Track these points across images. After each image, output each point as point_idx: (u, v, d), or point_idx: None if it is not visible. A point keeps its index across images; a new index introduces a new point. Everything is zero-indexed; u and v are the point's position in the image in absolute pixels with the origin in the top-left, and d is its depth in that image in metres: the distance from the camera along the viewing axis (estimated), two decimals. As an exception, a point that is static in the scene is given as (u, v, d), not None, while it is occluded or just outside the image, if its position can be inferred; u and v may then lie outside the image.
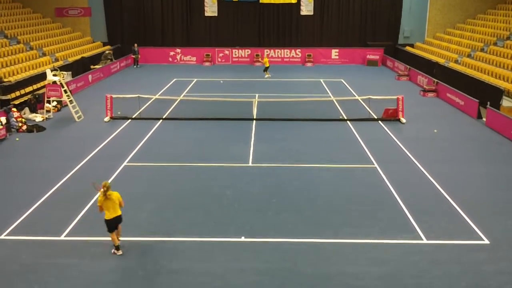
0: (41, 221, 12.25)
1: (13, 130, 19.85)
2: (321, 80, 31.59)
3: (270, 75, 32.67)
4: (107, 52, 35.29)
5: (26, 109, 22.15)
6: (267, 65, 32.90)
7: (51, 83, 21.98)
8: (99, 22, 38.94)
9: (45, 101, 22.32)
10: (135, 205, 13.12)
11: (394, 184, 14.56)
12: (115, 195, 10.69)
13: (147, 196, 13.77)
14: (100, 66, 33.09)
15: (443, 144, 18.54)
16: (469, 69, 28.47)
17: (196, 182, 14.79)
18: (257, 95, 26.06)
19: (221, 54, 38.83)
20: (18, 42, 29.96)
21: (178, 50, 38.85)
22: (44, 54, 30.77)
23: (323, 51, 38.80)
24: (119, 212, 10.75)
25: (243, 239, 11.39)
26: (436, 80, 27.55)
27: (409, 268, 10.27)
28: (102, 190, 10.52)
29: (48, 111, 22.36)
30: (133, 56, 36.91)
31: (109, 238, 10.75)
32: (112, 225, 10.72)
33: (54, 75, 22.41)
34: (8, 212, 12.66)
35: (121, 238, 10.97)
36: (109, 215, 10.61)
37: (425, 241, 11.37)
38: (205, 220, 12.37)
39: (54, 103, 23.12)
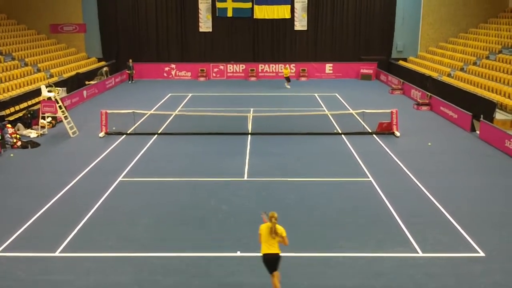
0: (36, 237, 12.18)
1: (7, 146, 19.81)
2: (316, 94, 31.75)
3: (289, 87, 34.14)
4: (104, 69, 35.36)
5: (20, 125, 22.09)
6: (287, 75, 34.64)
7: (46, 99, 22.00)
8: (94, 38, 39.08)
9: (40, 117, 22.33)
10: (130, 220, 13.11)
11: (389, 197, 14.60)
12: (279, 229, 9.32)
13: (142, 211, 13.73)
14: (95, 82, 33.16)
15: (437, 157, 18.63)
16: (462, 82, 28.72)
17: (191, 197, 14.78)
18: (252, 109, 26.15)
19: (216, 69, 39.00)
20: (13, 59, 30.03)
21: (173, 66, 38.99)
22: (39, 70, 30.85)
23: (317, 65, 39.07)
24: (276, 251, 9.35)
25: (238, 253, 11.36)
26: (429, 94, 27.76)
27: (405, 281, 10.26)
28: (271, 221, 9.29)
29: (43, 127, 22.35)
30: (128, 72, 37.01)
31: (104, 254, 10.64)
32: (267, 263, 9.41)
33: (49, 91, 22.44)
34: (2, 228, 12.58)
35: (118, 254, 10.88)
36: (265, 249, 9.36)
37: (420, 254, 11.38)
38: (200, 235, 12.33)
39: (49, 119, 23.12)
